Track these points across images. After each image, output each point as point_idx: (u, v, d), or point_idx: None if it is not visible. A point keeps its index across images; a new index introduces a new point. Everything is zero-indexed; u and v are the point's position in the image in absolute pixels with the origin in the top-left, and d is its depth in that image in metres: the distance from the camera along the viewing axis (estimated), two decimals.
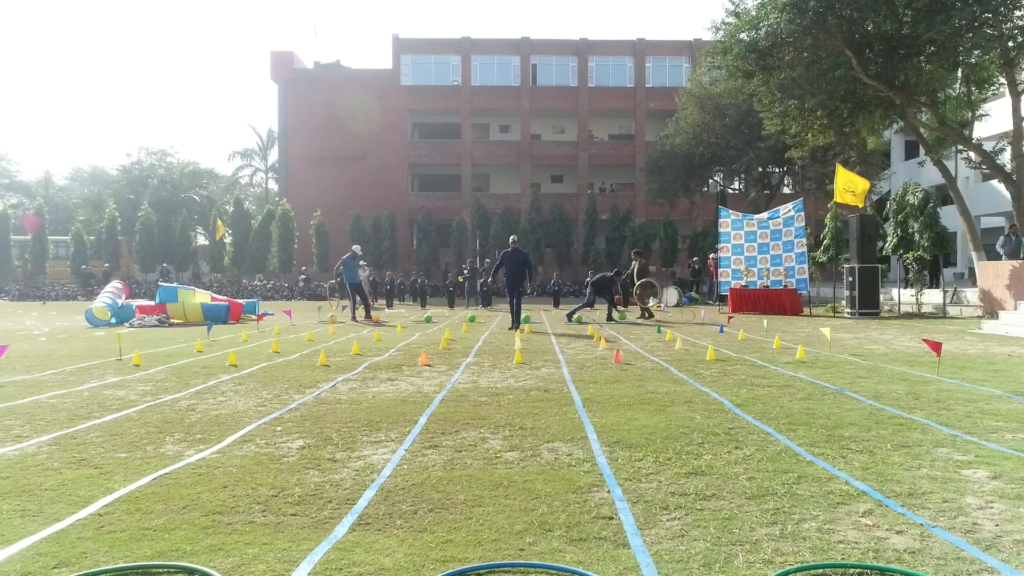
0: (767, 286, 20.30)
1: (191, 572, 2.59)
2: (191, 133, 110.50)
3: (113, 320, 16.82)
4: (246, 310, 18.73)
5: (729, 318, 16.76)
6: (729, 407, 5.69)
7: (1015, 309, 13.83)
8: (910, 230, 21.17)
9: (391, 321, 17.92)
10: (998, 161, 21.70)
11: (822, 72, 19.16)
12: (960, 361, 8.64)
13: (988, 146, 24.98)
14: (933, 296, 20.28)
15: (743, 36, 20.19)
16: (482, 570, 2.60)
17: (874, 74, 18.82)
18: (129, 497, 3.47)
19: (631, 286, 18.57)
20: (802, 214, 20.39)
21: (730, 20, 20.74)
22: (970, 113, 22.55)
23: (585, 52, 47.16)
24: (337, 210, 41.86)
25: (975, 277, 19.28)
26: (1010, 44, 17.67)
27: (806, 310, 20.01)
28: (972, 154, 22.63)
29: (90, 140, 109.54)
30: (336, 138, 46.11)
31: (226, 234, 42.92)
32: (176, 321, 17.41)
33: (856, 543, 2.82)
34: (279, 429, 5.02)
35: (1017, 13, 17.72)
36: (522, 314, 15.19)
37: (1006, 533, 2.93)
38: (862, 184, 18.22)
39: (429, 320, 17.72)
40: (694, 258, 33.35)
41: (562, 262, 41.62)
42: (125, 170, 56.59)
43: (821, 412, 5.45)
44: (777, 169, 37.78)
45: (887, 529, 2.97)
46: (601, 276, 17.99)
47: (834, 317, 18.25)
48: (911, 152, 40.42)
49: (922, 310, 19.88)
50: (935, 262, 21.99)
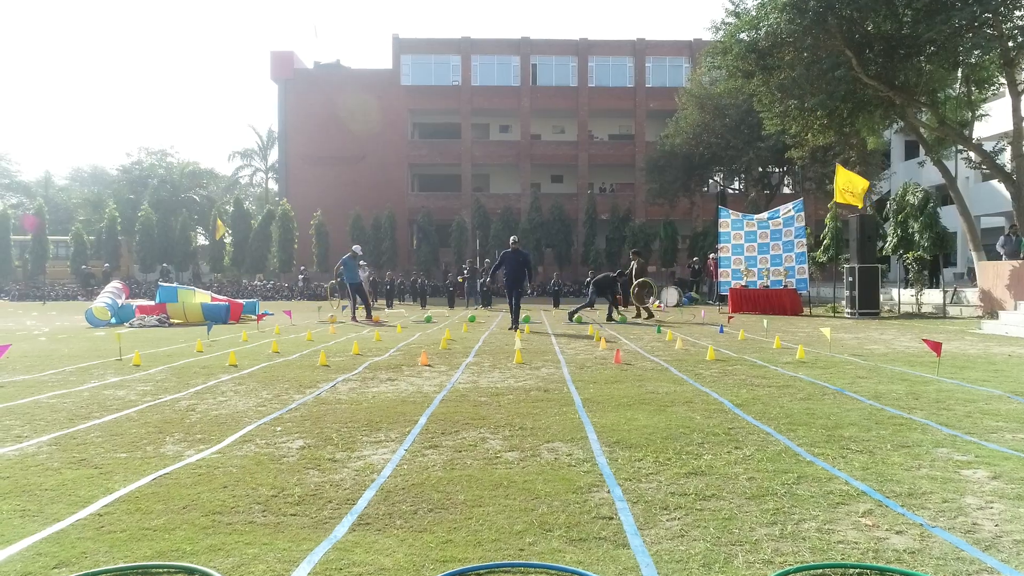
0: (767, 286, 20.30)
1: (191, 572, 2.59)
2: (191, 133, 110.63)
3: (113, 320, 16.83)
4: (246, 310, 18.73)
5: (729, 318, 16.76)
6: (729, 407, 5.69)
7: (1015, 309, 13.83)
8: (910, 230, 21.17)
9: (391, 321, 17.92)
10: (998, 161, 21.69)
11: (822, 72, 19.17)
12: (960, 361, 8.64)
13: (988, 146, 24.99)
14: (933, 296, 20.28)
15: (743, 36, 20.19)
16: (482, 570, 2.60)
17: (874, 74, 18.82)
18: (129, 497, 3.48)
19: (630, 286, 18.57)
20: (802, 214, 20.39)
21: (730, 20, 20.74)
22: (970, 113, 22.55)
23: (585, 52, 47.16)
24: (337, 210, 41.86)
25: (975, 277, 19.28)
26: (1010, 44, 17.67)
27: (806, 310, 20.01)
28: (972, 154, 22.63)
29: (90, 140, 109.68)
30: (336, 138, 46.11)
31: (226, 234, 42.92)
32: (176, 321, 17.42)
33: (856, 543, 2.82)
34: (279, 429, 5.02)
35: (1017, 13, 17.71)
36: (522, 314, 15.20)
37: (1006, 533, 2.93)
38: (861, 184, 18.22)
39: (429, 320, 17.72)
40: (694, 258, 33.35)
41: (562, 262, 41.61)
42: (125, 170, 56.62)
43: (821, 412, 5.45)
44: (777, 169, 37.79)
45: (887, 529, 2.97)
46: (604, 276, 17.97)
47: (834, 317, 18.25)
48: (911, 152, 40.42)
49: (922, 310, 19.88)
50: (935, 262, 21.99)
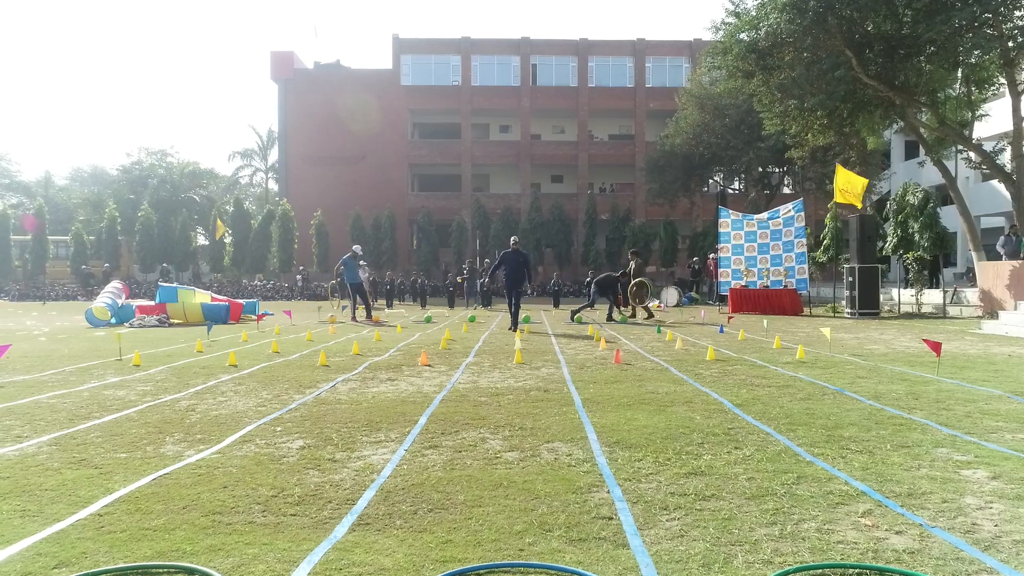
0: (767, 286, 20.30)
1: (191, 572, 2.59)
2: (191, 133, 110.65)
3: (113, 320, 16.83)
4: (246, 310, 18.73)
5: (729, 318, 16.76)
6: (729, 407, 5.69)
7: (1015, 309, 13.83)
8: (910, 230, 21.18)
9: (391, 321, 17.92)
10: (998, 161, 21.70)
11: (822, 72, 19.17)
12: (960, 361, 8.64)
13: (988, 146, 24.99)
14: (933, 296, 20.29)
15: (743, 36, 20.19)
16: (482, 570, 2.60)
17: (874, 74, 18.82)
18: (129, 497, 3.48)
19: (628, 286, 18.58)
20: (802, 214, 20.40)
21: (730, 20, 20.75)
22: (970, 113, 22.55)
23: (585, 52, 47.16)
24: (337, 210, 41.86)
25: (975, 277, 19.28)
26: (1010, 44, 17.67)
27: (806, 310, 20.01)
28: (972, 154, 22.63)
29: (90, 140, 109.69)
30: (336, 138, 46.12)
31: (226, 234, 42.92)
32: (176, 321, 17.42)
33: (855, 543, 2.82)
34: (279, 429, 5.02)
35: (1017, 13, 17.72)
36: (521, 314, 15.18)
37: (1005, 533, 2.93)
38: (860, 183, 18.21)
39: (429, 320, 17.72)
40: (694, 258, 33.35)
41: (562, 262, 41.62)
42: (125, 170, 56.64)
43: (821, 412, 5.45)
44: (777, 169, 37.79)
45: (886, 529, 2.98)
46: (606, 276, 17.93)
47: (834, 317, 18.25)
48: (911, 152, 40.42)
49: (922, 310, 19.88)
50: (935, 262, 21.99)
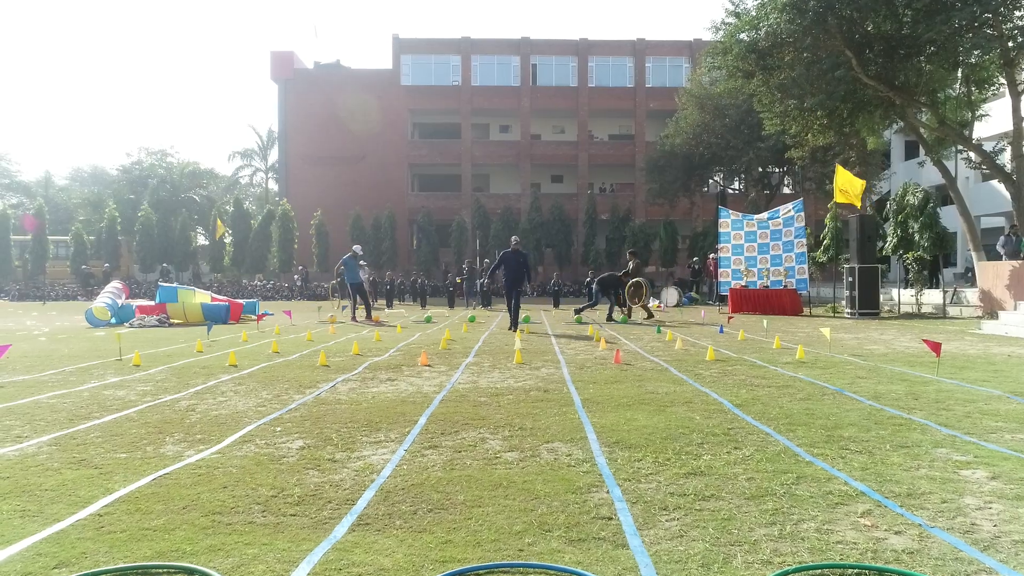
0: (767, 286, 20.30)
1: (191, 572, 2.60)
2: (191, 133, 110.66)
3: (113, 320, 16.83)
4: (246, 310, 18.73)
5: (729, 318, 16.77)
6: (729, 407, 5.70)
7: (1015, 309, 13.83)
8: (910, 230, 21.17)
9: (391, 321, 17.92)
10: (998, 161, 21.70)
11: (822, 72, 19.17)
12: (960, 361, 8.64)
13: (988, 146, 24.98)
14: (933, 296, 20.29)
15: (743, 36, 20.20)
16: (481, 570, 2.60)
17: (874, 74, 18.81)
18: (129, 497, 3.48)
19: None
20: (802, 214, 20.40)
21: (730, 20, 20.75)
22: (970, 113, 22.55)
23: (585, 52, 47.15)
24: (337, 210, 41.85)
25: (975, 277, 19.28)
26: (1010, 44, 17.68)
27: (806, 310, 20.01)
28: (972, 154, 22.63)
29: (90, 140, 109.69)
30: (336, 138, 46.12)
31: (226, 234, 42.91)
32: (176, 321, 17.42)
33: (855, 543, 2.82)
34: (279, 429, 5.02)
35: (1017, 13, 17.72)
36: (521, 314, 15.15)
37: (1004, 533, 2.93)
38: (859, 184, 18.21)
39: (429, 320, 17.72)
40: (694, 258, 33.36)
41: (562, 262, 41.62)
42: (125, 170, 56.64)
43: (820, 412, 5.45)
44: (777, 169, 37.79)
45: (886, 529, 2.98)
46: (609, 275, 17.94)
47: (834, 317, 18.25)
48: (911, 152, 40.42)
49: (922, 310, 19.89)
50: (935, 262, 21.99)
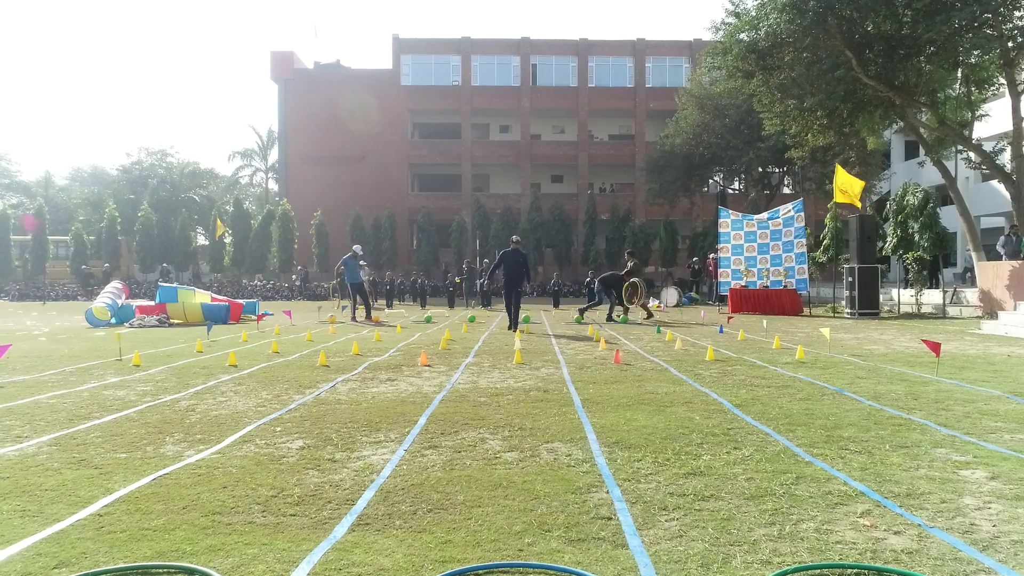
0: (767, 286, 20.31)
1: (191, 572, 2.60)
2: (191, 133, 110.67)
3: (113, 320, 16.83)
4: (246, 310, 18.73)
5: (729, 318, 16.77)
6: (728, 407, 5.70)
7: (1015, 309, 13.84)
8: (910, 230, 21.19)
9: (391, 321, 17.92)
10: (998, 161, 21.70)
11: (822, 72, 19.18)
12: (959, 361, 8.64)
13: (988, 146, 24.99)
14: (933, 296, 20.29)
15: (743, 36, 20.20)
16: (481, 570, 2.60)
17: (874, 74, 18.82)
18: (129, 497, 3.48)
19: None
20: (802, 214, 20.41)
21: (730, 20, 20.76)
22: (970, 113, 22.56)
23: (585, 52, 47.16)
24: (337, 210, 41.85)
25: (974, 276, 19.28)
26: (1010, 44, 17.68)
27: (806, 310, 20.02)
28: (972, 154, 22.64)
29: (90, 140, 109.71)
30: (336, 138, 46.12)
31: (226, 234, 42.89)
32: (176, 321, 17.42)
33: (854, 543, 2.83)
34: (279, 429, 5.03)
35: (1017, 13, 17.73)
36: (521, 314, 15.11)
37: (1004, 533, 2.93)
38: (858, 185, 18.21)
39: (429, 320, 17.72)
40: (694, 258, 33.36)
41: (562, 262, 41.62)
42: (125, 170, 56.65)
43: (820, 413, 5.46)
44: (777, 169, 37.79)
45: (885, 529, 2.98)
46: (611, 274, 17.98)
47: (834, 317, 18.25)
48: (911, 152, 40.42)
49: (922, 310, 19.89)
50: (935, 262, 22.00)
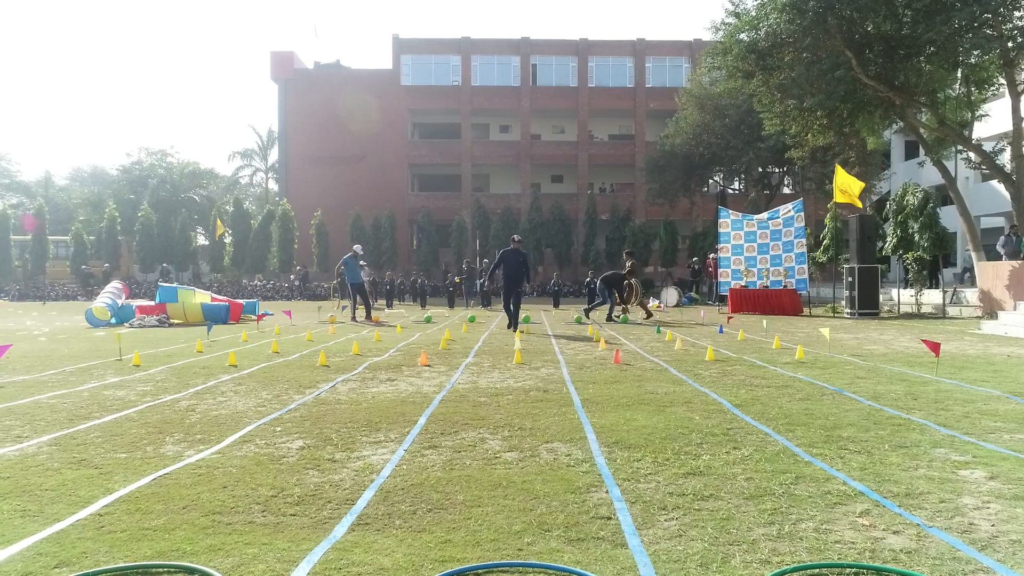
0: (767, 286, 20.31)
1: (191, 572, 2.60)
2: (191, 133, 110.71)
3: (113, 320, 16.83)
4: (246, 310, 18.73)
5: (729, 318, 16.77)
6: (728, 407, 5.70)
7: (1014, 309, 13.84)
8: (910, 230, 21.21)
9: (391, 321, 17.92)
10: (998, 161, 21.70)
11: (822, 72, 19.18)
12: (959, 362, 8.65)
13: (988, 146, 24.99)
14: (933, 296, 20.30)
15: (743, 36, 20.20)
16: (480, 570, 2.61)
17: (874, 74, 18.82)
18: (129, 497, 3.49)
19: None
20: (802, 214, 20.41)
21: (730, 20, 20.76)
22: (970, 113, 22.56)
23: (585, 52, 47.16)
24: (337, 210, 41.85)
25: (973, 276, 19.28)
26: (1010, 44, 17.69)
27: (806, 310, 20.02)
28: (972, 154, 22.64)
29: (90, 140, 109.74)
30: (336, 138, 46.12)
31: (226, 234, 42.88)
32: (176, 321, 17.42)
33: (853, 543, 2.83)
34: (279, 429, 5.03)
35: (1017, 14, 17.74)
36: (521, 314, 15.08)
37: (1002, 533, 2.94)
38: (857, 186, 18.21)
39: (429, 320, 17.72)
40: (693, 258, 33.36)
41: (562, 262, 41.61)
42: (125, 170, 56.66)
43: (820, 413, 5.46)
44: (777, 169, 37.79)
45: (884, 529, 2.98)
46: (613, 273, 18.01)
47: (834, 317, 18.26)
48: (911, 152, 40.42)
49: (922, 310, 19.89)
50: (935, 262, 22.01)
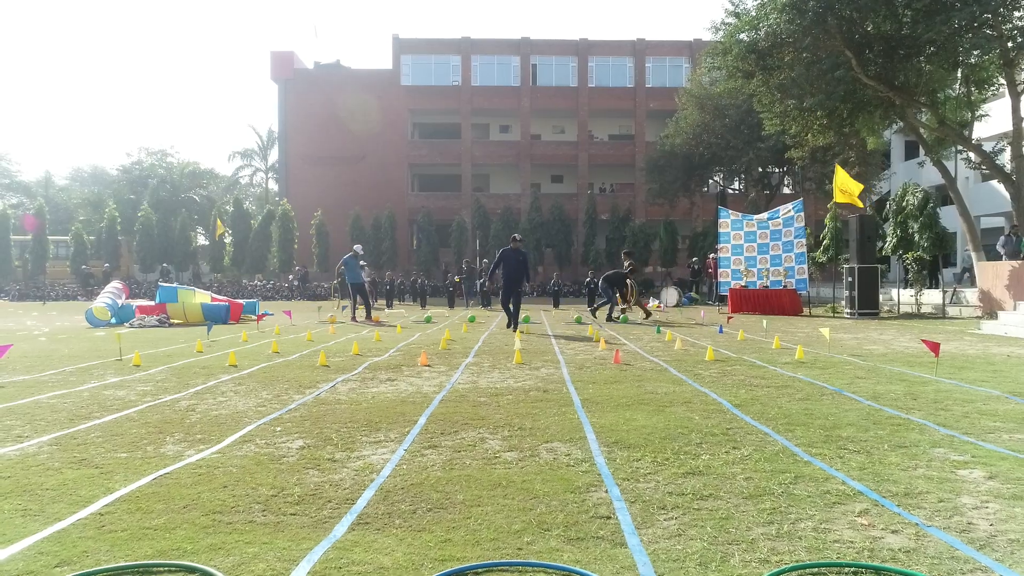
0: (767, 286, 20.32)
1: (192, 571, 2.61)
2: (191, 133, 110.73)
3: (113, 320, 16.83)
4: (246, 310, 18.73)
5: (729, 318, 16.77)
6: (728, 407, 5.71)
7: (1014, 309, 13.84)
8: (910, 230, 21.22)
9: (391, 321, 17.93)
10: (998, 161, 21.71)
11: (822, 72, 19.19)
12: (959, 361, 8.65)
13: (988, 146, 25.00)
14: (933, 296, 20.30)
15: (743, 36, 20.21)
16: (480, 569, 2.61)
17: (874, 74, 18.82)
18: (130, 497, 3.49)
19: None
20: (802, 214, 20.42)
21: (730, 20, 20.76)
22: (970, 113, 22.56)
23: (585, 52, 47.16)
24: (337, 210, 41.84)
25: (972, 276, 19.29)
26: (1010, 44, 17.69)
27: (806, 310, 20.02)
28: (972, 154, 22.64)
29: (90, 140, 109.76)
30: (336, 138, 46.12)
31: (226, 234, 42.87)
32: (176, 321, 17.42)
33: (852, 542, 2.84)
34: (279, 429, 5.04)
35: (1017, 14, 17.74)
36: (521, 314, 15.07)
37: (1000, 532, 2.94)
38: (856, 188, 18.21)
39: (429, 320, 17.72)
40: (693, 258, 33.37)
41: (562, 262, 41.61)
42: (125, 170, 56.66)
43: (819, 412, 5.47)
44: (777, 169, 37.79)
45: (883, 529, 2.99)
46: (615, 272, 18.05)
47: (833, 317, 18.26)
48: (911, 152, 40.43)
49: (921, 310, 19.90)
50: (934, 262, 22.01)
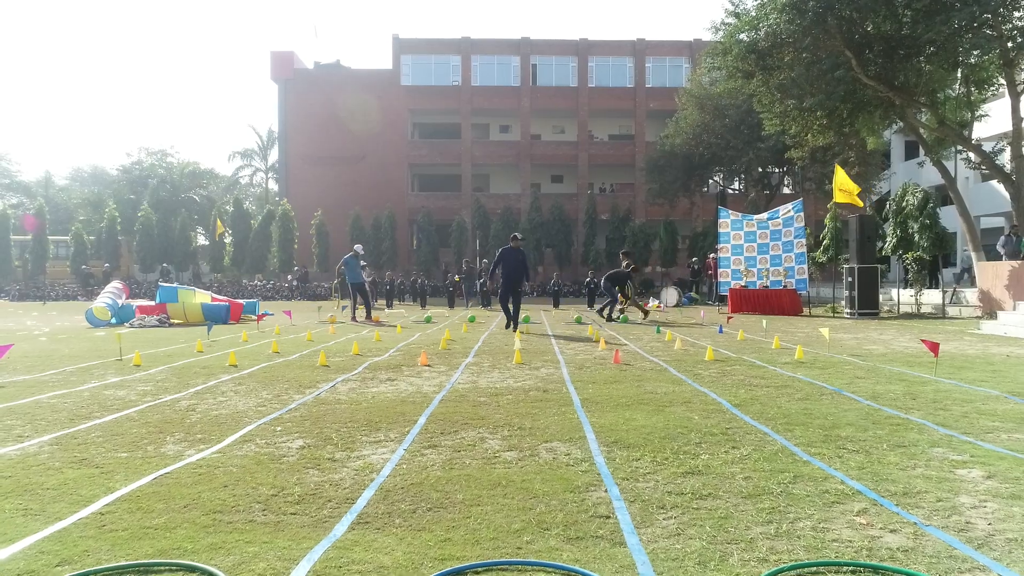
0: (767, 286, 20.33)
1: (192, 570, 2.62)
2: (191, 133, 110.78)
3: (113, 320, 16.84)
4: (246, 310, 18.74)
5: (728, 318, 16.78)
6: (727, 407, 5.71)
7: (1014, 310, 13.85)
8: (910, 230, 21.22)
9: (391, 321, 17.94)
10: (998, 161, 21.72)
11: (822, 72, 19.19)
12: (958, 361, 8.66)
13: (988, 146, 25.01)
14: (932, 296, 20.31)
15: (743, 36, 20.22)
16: (480, 568, 2.62)
17: (874, 74, 18.83)
18: (130, 496, 3.50)
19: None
20: (802, 214, 20.42)
21: (730, 20, 20.77)
22: (970, 113, 22.57)
23: (585, 52, 47.17)
24: (337, 210, 41.85)
25: (972, 276, 19.29)
26: (1010, 44, 17.70)
27: (805, 310, 20.03)
28: (972, 154, 22.65)
29: (90, 140, 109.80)
30: (336, 138, 46.13)
31: (226, 234, 42.87)
32: (176, 321, 17.43)
33: (850, 542, 2.84)
34: (279, 429, 5.04)
35: (1017, 14, 17.75)
36: (521, 314, 15.05)
37: (998, 532, 2.95)
38: (856, 189, 18.22)
39: (429, 320, 17.73)
40: (693, 258, 33.38)
41: (562, 262, 41.61)
42: (125, 170, 56.68)
43: (819, 412, 5.47)
44: (777, 169, 37.80)
45: (881, 528, 3.00)
46: (616, 272, 18.08)
47: (833, 317, 18.27)
48: (911, 152, 40.44)
49: (921, 310, 19.90)
50: (934, 262, 22.02)
